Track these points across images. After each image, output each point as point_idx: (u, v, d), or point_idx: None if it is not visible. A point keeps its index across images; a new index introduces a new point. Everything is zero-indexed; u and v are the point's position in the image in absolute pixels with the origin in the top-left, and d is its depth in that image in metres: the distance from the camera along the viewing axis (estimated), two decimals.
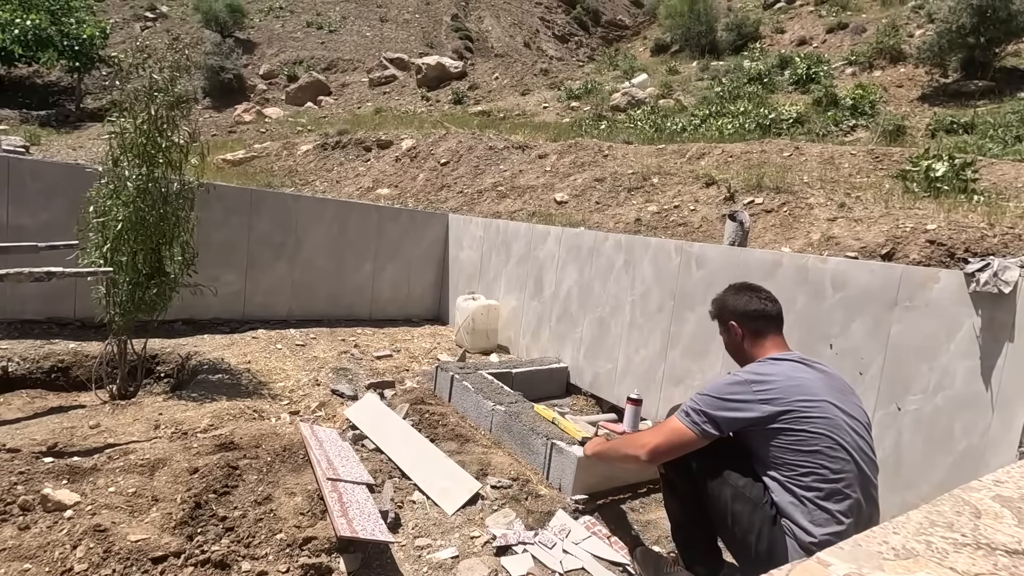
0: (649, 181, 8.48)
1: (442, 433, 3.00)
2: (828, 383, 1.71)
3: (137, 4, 31.13)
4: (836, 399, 1.66)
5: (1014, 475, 1.23)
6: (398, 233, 5.19)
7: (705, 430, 1.66)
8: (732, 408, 1.67)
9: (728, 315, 1.90)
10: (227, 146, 14.76)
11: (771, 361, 1.77)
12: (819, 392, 1.65)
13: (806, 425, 1.60)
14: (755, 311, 1.86)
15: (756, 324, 1.86)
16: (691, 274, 3.12)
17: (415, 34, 30.79)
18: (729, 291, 1.95)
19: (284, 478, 2.39)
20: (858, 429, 1.66)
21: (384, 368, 4.02)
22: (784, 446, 1.61)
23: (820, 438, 1.58)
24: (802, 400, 1.62)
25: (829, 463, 1.57)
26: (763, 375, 1.70)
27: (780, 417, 1.61)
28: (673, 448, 1.73)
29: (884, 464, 2.29)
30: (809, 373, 1.72)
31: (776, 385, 1.66)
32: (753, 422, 1.64)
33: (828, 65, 14.12)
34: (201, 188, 3.42)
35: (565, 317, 4.03)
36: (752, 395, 1.66)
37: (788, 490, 1.61)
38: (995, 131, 9.38)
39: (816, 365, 1.76)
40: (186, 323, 4.28)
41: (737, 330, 1.87)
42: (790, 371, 1.71)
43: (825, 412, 1.62)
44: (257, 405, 3.12)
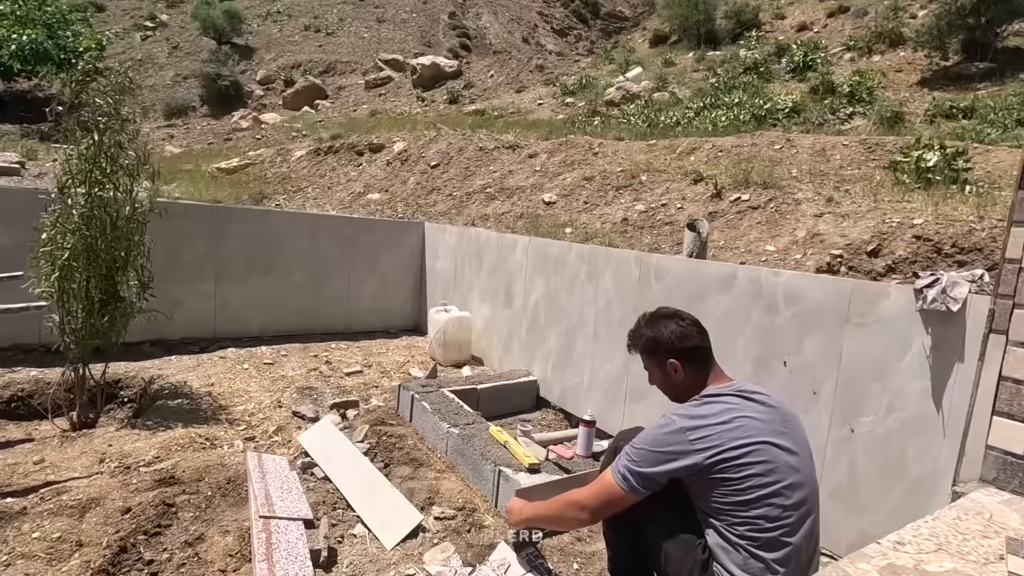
0: (638, 179, 8.34)
1: (397, 457, 2.94)
2: (768, 418, 1.59)
3: (137, 14, 31.32)
4: (776, 437, 1.55)
5: (922, 533, 1.13)
6: (373, 244, 5.13)
7: (635, 489, 1.57)
8: (666, 460, 1.55)
9: (664, 352, 1.72)
10: (222, 154, 14.79)
11: (708, 400, 1.63)
12: (758, 433, 1.54)
13: (743, 471, 1.49)
14: (692, 347, 1.71)
15: (696, 360, 1.71)
16: (651, 286, 3.02)
17: (413, 33, 30.69)
18: (654, 322, 1.78)
19: (223, 514, 2.34)
20: (801, 467, 1.55)
21: (352, 386, 3.96)
22: (721, 493, 1.52)
23: (757, 487, 1.48)
24: (739, 445, 1.51)
25: (767, 511, 1.47)
26: (699, 420, 1.57)
27: (716, 466, 1.51)
28: (609, 509, 1.65)
29: (839, 488, 2.20)
30: (749, 409, 1.59)
31: (712, 431, 1.54)
32: (689, 471, 1.54)
33: (826, 52, 13.85)
34: (154, 211, 3.38)
35: (534, 329, 3.94)
36: (687, 444, 1.54)
37: (723, 536, 1.52)
38: (995, 115, 9.13)
39: (757, 396, 1.64)
40: (154, 344, 4.25)
41: (677, 367, 1.71)
42: (728, 411, 1.58)
43: (764, 455, 1.51)
44: (212, 432, 3.07)
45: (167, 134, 18.29)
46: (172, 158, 15.29)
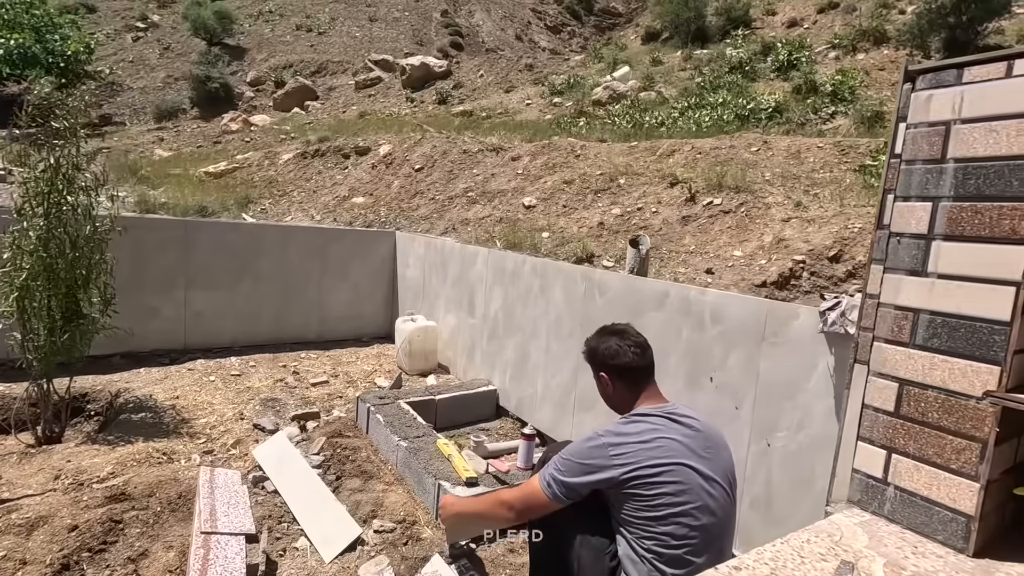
0: (616, 182, 8.41)
1: (349, 469, 3.03)
2: (692, 442, 1.67)
3: (128, 15, 31.22)
4: (696, 461, 1.63)
5: (764, 556, 1.22)
6: (344, 254, 5.21)
7: (558, 497, 1.66)
8: (587, 472, 1.64)
9: (598, 365, 1.84)
10: (211, 158, 14.84)
11: (636, 419, 1.72)
12: (677, 455, 1.62)
13: (655, 490, 1.58)
14: (624, 365, 1.80)
15: (627, 378, 1.80)
16: (595, 301, 3.11)
17: (405, 32, 30.63)
18: (600, 335, 1.88)
19: (170, 530, 2.42)
20: (715, 492, 1.63)
21: (317, 396, 4.04)
22: (633, 507, 1.61)
23: (667, 505, 1.57)
24: (655, 464, 1.60)
25: (674, 529, 1.56)
26: (622, 437, 1.66)
27: (631, 481, 1.59)
28: (532, 512, 1.75)
29: (758, 500, 2.29)
30: (673, 431, 1.67)
31: (631, 448, 1.63)
32: (607, 483, 1.63)
33: (810, 50, 13.88)
34: (115, 229, 3.45)
35: (494, 339, 4.03)
36: (607, 459, 1.63)
37: (632, 547, 1.61)
38: None
39: (684, 420, 1.71)
40: (124, 357, 4.33)
41: (608, 383, 1.82)
42: (651, 431, 1.66)
43: (678, 476, 1.59)
44: (170, 446, 3.16)
45: (157, 137, 18.32)
46: (161, 162, 15.34)
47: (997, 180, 1.23)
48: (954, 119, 1.30)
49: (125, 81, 24.70)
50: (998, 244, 1.22)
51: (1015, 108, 1.20)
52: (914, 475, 1.36)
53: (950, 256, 1.30)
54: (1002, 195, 1.22)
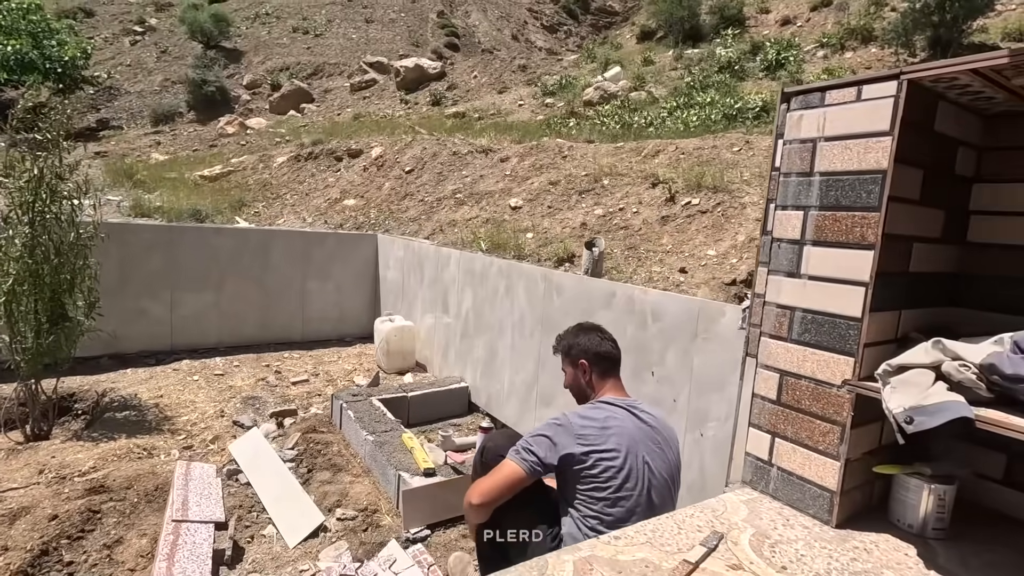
0: (600, 183, 8.55)
1: (320, 463, 3.19)
2: (643, 434, 1.84)
3: (126, 19, 31.41)
4: (644, 451, 1.81)
5: (646, 528, 1.38)
6: (326, 256, 5.36)
7: (534, 468, 1.79)
8: (555, 446, 1.78)
9: (579, 353, 2.00)
10: (206, 161, 15.02)
11: (600, 405, 1.90)
12: (628, 442, 1.79)
13: (602, 472, 1.74)
14: (604, 353, 1.99)
15: (602, 365, 1.99)
16: (553, 301, 3.26)
17: (401, 33, 30.75)
18: (579, 330, 2.05)
19: (145, 519, 2.59)
20: (657, 483, 1.80)
21: (296, 395, 4.20)
22: (581, 487, 1.76)
23: (614, 487, 1.74)
24: (608, 448, 1.76)
25: (615, 510, 1.73)
26: (585, 420, 1.83)
27: (587, 460, 1.75)
28: (508, 488, 1.80)
29: (693, 485, 2.45)
30: (629, 422, 1.85)
31: (592, 430, 1.80)
32: (568, 459, 1.77)
33: (799, 49, 14.00)
34: (99, 236, 3.61)
35: (466, 338, 4.18)
36: (572, 437, 1.79)
37: (576, 525, 1.77)
38: None
39: (642, 415, 1.88)
40: (112, 358, 4.50)
41: (587, 367, 1.98)
42: (610, 418, 1.84)
43: (626, 463, 1.76)
44: (152, 442, 3.32)
45: (154, 141, 18.49)
46: (157, 166, 15.52)
47: (850, 192, 1.38)
48: (819, 137, 1.45)
49: (123, 85, 24.89)
50: (852, 249, 1.37)
51: (862, 128, 1.35)
52: (792, 456, 1.51)
53: (817, 259, 1.45)
54: (854, 205, 1.37)
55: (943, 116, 1.42)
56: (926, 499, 1.40)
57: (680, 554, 1.28)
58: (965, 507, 1.48)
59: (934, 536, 1.40)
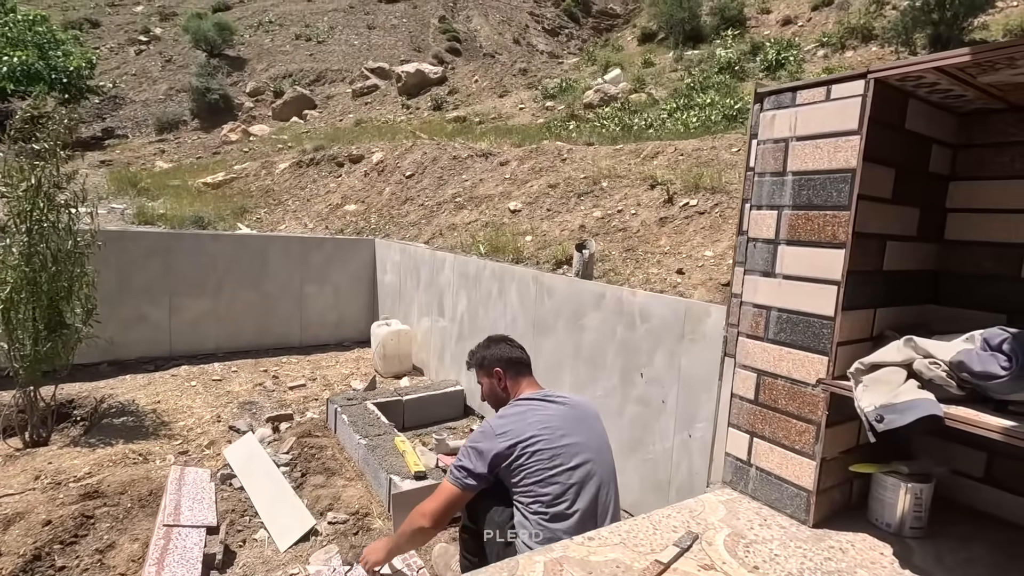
0: (599, 185, 8.56)
1: (314, 467, 3.20)
2: (562, 414, 1.96)
3: (131, 29, 31.73)
4: (564, 428, 1.91)
5: (621, 529, 1.38)
6: (323, 261, 5.39)
7: (467, 484, 1.88)
8: (480, 452, 1.89)
9: (493, 362, 2.12)
10: (209, 168, 15.12)
11: (518, 403, 2.02)
12: (548, 424, 1.90)
13: (533, 456, 1.84)
14: (515, 358, 2.13)
15: (515, 368, 2.12)
16: (544, 303, 3.27)
17: (403, 39, 30.91)
18: (489, 342, 2.18)
19: (138, 524, 2.61)
20: (582, 450, 1.89)
21: (293, 399, 4.22)
22: (519, 476, 1.85)
23: (544, 468, 1.83)
24: (532, 434, 1.86)
25: (552, 488, 1.81)
26: (504, 418, 1.95)
27: (512, 451, 1.85)
28: (448, 506, 1.91)
29: (682, 487, 2.44)
30: (549, 409, 1.97)
31: (512, 425, 1.90)
32: (498, 459, 1.86)
33: (799, 49, 13.98)
34: (96, 244, 3.65)
35: (461, 340, 4.19)
36: (494, 438, 1.90)
37: (522, 513, 1.85)
38: None
39: (557, 399, 2.01)
40: (111, 364, 4.53)
41: (502, 374, 2.09)
42: (528, 411, 1.95)
43: (553, 443, 1.86)
44: (148, 448, 3.35)
45: (158, 149, 18.65)
46: (160, 174, 15.64)
47: (822, 191, 1.38)
48: (791, 136, 1.45)
49: (128, 94, 25.13)
50: (824, 248, 1.38)
51: (832, 128, 1.35)
52: (769, 456, 1.51)
53: (791, 259, 1.46)
54: (825, 204, 1.38)
55: (914, 115, 1.42)
56: (903, 498, 1.40)
57: (653, 554, 1.28)
58: (943, 505, 1.48)
59: (911, 535, 1.40)
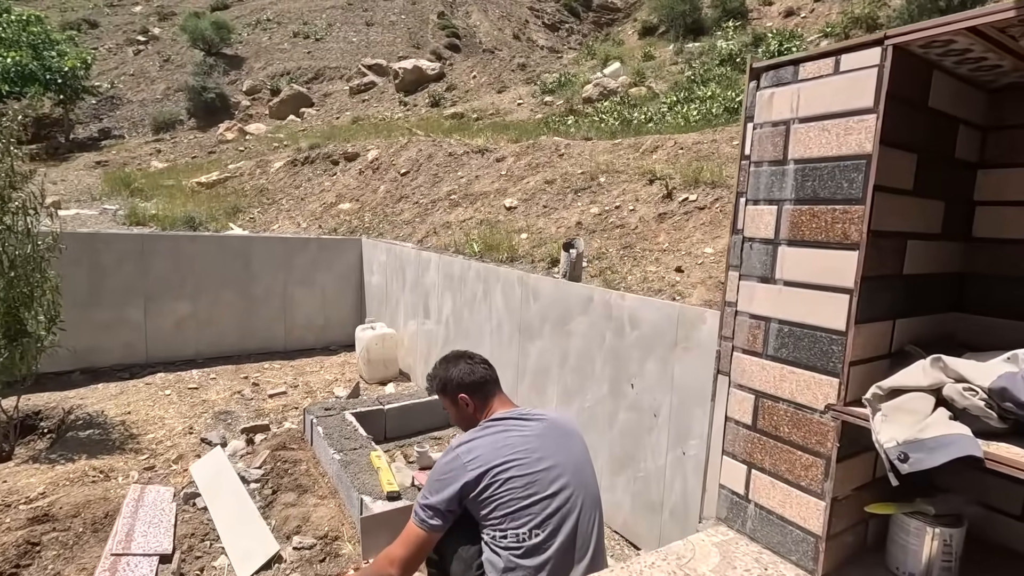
0: (596, 181, 8.33)
1: (286, 483, 3.00)
2: (542, 434, 1.75)
3: (129, 28, 31.60)
4: (541, 452, 1.70)
5: None
6: (308, 263, 5.19)
7: (433, 525, 1.65)
8: (447, 484, 1.67)
9: (455, 389, 1.88)
10: (204, 168, 14.95)
11: (488, 425, 1.79)
12: (523, 448, 1.69)
13: (506, 486, 1.63)
14: (479, 379, 1.89)
15: (482, 391, 1.88)
16: (530, 307, 3.05)
17: (401, 36, 30.68)
18: (447, 364, 1.93)
19: (89, 551, 2.41)
20: (565, 479, 1.68)
21: (272, 408, 4.03)
22: (489, 508, 1.64)
23: (517, 499, 1.62)
24: (502, 461, 1.65)
25: (526, 520, 1.61)
26: (473, 443, 1.72)
27: (482, 480, 1.64)
28: (418, 553, 1.69)
29: (676, 507, 2.23)
30: (523, 429, 1.75)
31: (482, 451, 1.68)
32: (465, 490, 1.65)
33: (801, 40, 13.68)
34: (59, 247, 3.45)
35: (447, 345, 3.98)
36: (463, 467, 1.67)
37: (492, 549, 1.64)
38: None
39: (534, 417, 1.80)
40: (84, 372, 4.35)
41: (468, 401, 1.87)
42: (500, 432, 1.73)
43: (526, 469, 1.65)
44: (111, 463, 3.15)
45: (154, 149, 18.50)
46: (155, 174, 15.47)
47: (830, 182, 1.16)
48: (793, 118, 1.23)
49: (126, 94, 25.00)
50: (832, 249, 1.16)
51: (842, 106, 1.13)
52: (771, 492, 1.30)
53: (792, 262, 1.24)
54: (834, 198, 1.15)
55: (939, 90, 1.19)
56: (929, 544, 1.18)
57: None
58: (974, 544, 1.26)
59: None
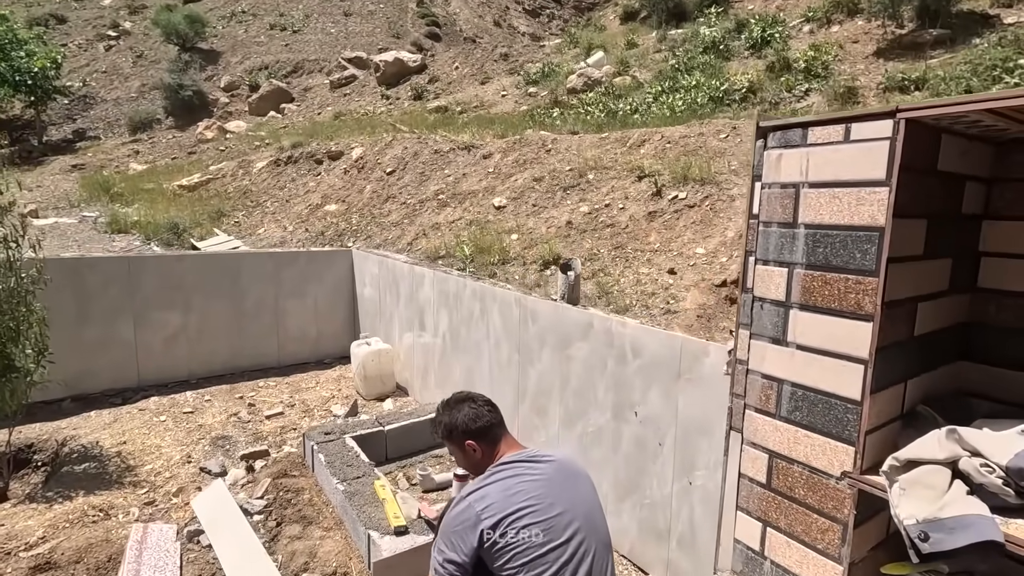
0: (585, 178, 8.30)
1: (290, 515, 2.98)
2: (552, 479, 1.73)
3: (99, 23, 30.72)
4: (558, 493, 1.69)
5: None
6: (298, 276, 5.13)
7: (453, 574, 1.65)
8: (463, 537, 1.65)
9: (461, 436, 1.84)
10: (184, 170, 14.68)
11: (498, 469, 1.75)
12: (536, 494, 1.67)
13: (520, 533, 1.61)
14: (485, 425, 1.84)
15: (488, 435, 1.84)
16: (528, 328, 3.04)
17: (380, 25, 30.17)
18: (450, 408, 1.89)
19: None
20: (573, 520, 1.66)
21: (270, 430, 3.99)
22: (505, 558, 1.62)
23: (534, 547, 1.60)
24: (519, 507, 1.64)
25: (544, 570, 1.59)
26: (485, 491, 1.70)
27: (497, 530, 1.62)
28: None
29: (683, 537, 2.25)
30: (533, 473, 1.73)
31: (495, 499, 1.66)
32: (482, 540, 1.63)
33: (784, 25, 13.67)
34: (44, 279, 3.37)
35: (444, 361, 3.97)
36: (476, 517, 1.65)
37: None
38: (945, 85, 9.07)
39: (544, 459, 1.77)
40: (75, 400, 4.27)
41: (475, 447, 1.84)
42: (512, 478, 1.71)
43: (542, 515, 1.64)
44: (110, 500, 3.11)
45: (132, 150, 18.12)
46: (134, 177, 15.16)
47: (842, 250, 1.16)
48: (802, 182, 1.22)
49: (99, 93, 24.40)
50: (846, 318, 1.16)
51: (853, 175, 1.13)
52: (787, 551, 1.31)
53: (805, 326, 1.24)
54: (846, 267, 1.15)
55: (948, 152, 1.19)
56: None
57: None
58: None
59: None
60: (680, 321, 4.71)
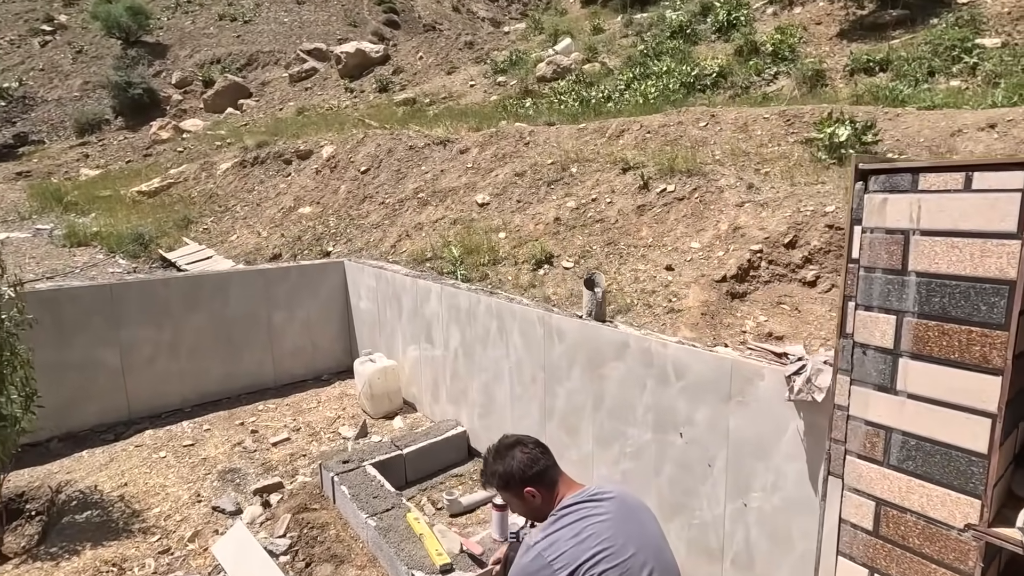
0: (568, 171, 8.23)
1: (319, 553, 2.88)
2: (618, 518, 1.67)
3: (31, 17, 28.89)
4: (628, 533, 1.64)
5: None
6: (289, 292, 4.94)
7: None
8: None
9: (518, 484, 1.78)
10: (142, 174, 14.01)
11: (563, 514, 1.70)
12: (610, 533, 1.62)
13: None
14: (541, 469, 1.79)
15: (545, 479, 1.79)
16: (554, 347, 2.98)
17: (336, 14, 29.27)
18: (501, 457, 1.83)
19: None
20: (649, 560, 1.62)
21: (279, 459, 3.85)
22: None
23: None
24: (593, 554, 1.58)
25: None
26: (553, 538, 1.64)
27: None
28: None
29: (738, 557, 2.24)
30: (601, 511, 1.67)
31: (567, 546, 1.61)
32: None
33: (748, 8, 13.77)
34: (27, 320, 3.14)
35: (456, 378, 3.89)
36: (547, 567, 1.60)
37: None
38: (908, 66, 9.32)
39: (605, 495, 1.72)
40: (62, 439, 4.03)
41: (535, 493, 1.78)
42: (579, 522, 1.65)
43: (617, 559, 1.58)
44: (121, 552, 2.94)
45: (81, 154, 17.19)
46: (88, 183, 14.39)
47: (963, 301, 1.13)
48: (913, 228, 1.18)
49: (38, 92, 23.05)
50: (969, 370, 1.13)
51: (976, 226, 1.09)
52: None
53: (920, 376, 1.21)
54: (970, 319, 1.12)
55: None
56: None
57: None
58: None
59: None
60: (685, 320, 4.72)
